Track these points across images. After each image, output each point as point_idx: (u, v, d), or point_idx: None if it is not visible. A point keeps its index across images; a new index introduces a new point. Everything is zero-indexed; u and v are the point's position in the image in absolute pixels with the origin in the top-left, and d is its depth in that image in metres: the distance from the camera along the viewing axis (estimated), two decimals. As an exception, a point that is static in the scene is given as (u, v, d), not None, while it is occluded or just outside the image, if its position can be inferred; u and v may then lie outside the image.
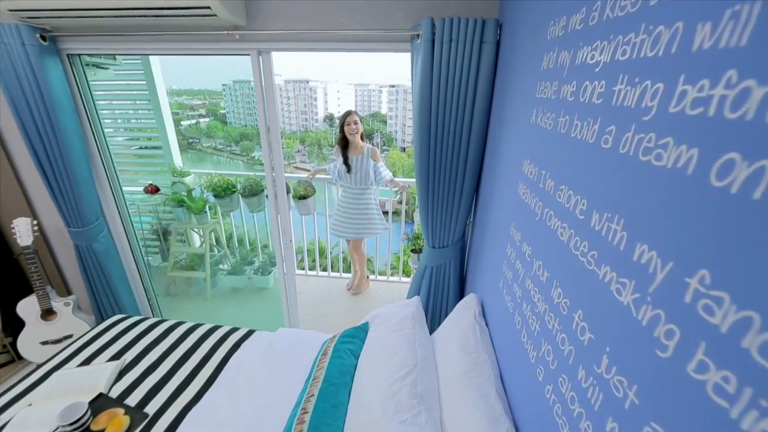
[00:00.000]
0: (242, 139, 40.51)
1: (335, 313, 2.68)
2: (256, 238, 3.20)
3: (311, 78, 30.28)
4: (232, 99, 45.40)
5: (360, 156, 2.42)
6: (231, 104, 45.36)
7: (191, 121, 44.55)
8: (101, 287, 2.07)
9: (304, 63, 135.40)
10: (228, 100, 45.91)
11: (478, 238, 1.58)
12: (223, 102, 46.75)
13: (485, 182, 1.50)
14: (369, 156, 2.43)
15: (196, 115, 46.01)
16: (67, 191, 1.79)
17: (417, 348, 1.13)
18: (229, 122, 44.97)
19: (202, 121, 45.24)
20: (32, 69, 1.56)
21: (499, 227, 1.21)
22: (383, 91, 47.01)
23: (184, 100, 48.48)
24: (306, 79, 44.37)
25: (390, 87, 47.95)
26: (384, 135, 42.15)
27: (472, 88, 1.38)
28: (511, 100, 1.16)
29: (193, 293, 2.98)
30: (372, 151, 2.44)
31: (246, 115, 44.13)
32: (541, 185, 0.83)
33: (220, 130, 43.29)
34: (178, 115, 43.74)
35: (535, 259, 0.85)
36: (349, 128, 2.36)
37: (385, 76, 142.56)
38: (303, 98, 43.96)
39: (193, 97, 50.35)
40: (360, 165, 2.43)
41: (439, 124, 1.44)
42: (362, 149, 2.43)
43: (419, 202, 1.59)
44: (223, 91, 47.05)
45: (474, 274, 1.61)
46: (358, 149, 2.43)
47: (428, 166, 1.51)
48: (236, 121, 44.71)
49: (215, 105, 47.66)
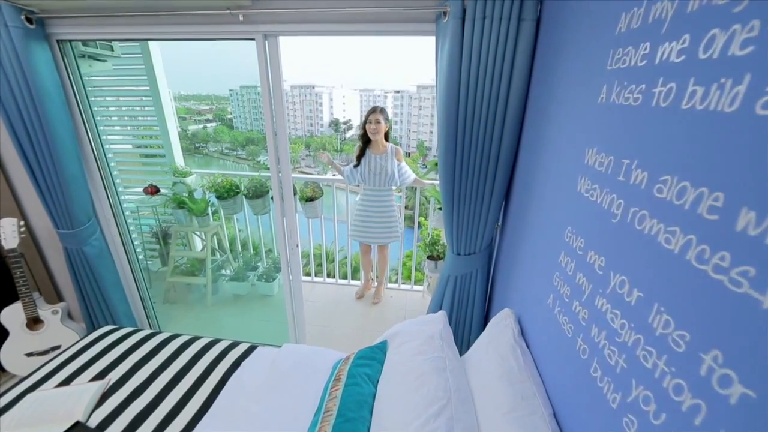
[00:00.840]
0: (248, 144, 40.75)
1: (344, 325, 2.50)
2: (260, 242, 3.03)
3: (317, 83, 30.53)
4: (239, 104, 45.79)
5: (383, 156, 2.26)
6: (238, 109, 45.73)
7: (198, 126, 44.99)
8: (93, 294, 1.91)
9: (310, 68, 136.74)
10: (235, 105, 46.31)
11: (509, 245, 1.40)
12: (230, 107, 47.16)
13: (520, 180, 1.31)
14: (392, 156, 2.27)
15: (203, 119, 46.43)
16: (55, 189, 1.64)
17: (449, 376, 0.95)
18: (236, 127, 45.31)
19: (209, 126, 45.65)
20: (16, 54, 1.41)
21: (544, 232, 1.03)
22: (388, 97, 47.09)
23: (192, 105, 49.03)
24: (312, 85, 44.62)
25: (395, 92, 48.10)
26: (390, 140, 42.28)
27: (507, 74, 1.21)
28: (560, 81, 0.98)
29: (193, 300, 2.81)
30: (395, 151, 2.28)
31: (252, 120, 44.43)
32: (622, 178, 0.65)
33: (226, 134, 43.63)
34: (186, 119, 44.25)
35: (613, 272, 0.66)
36: (370, 127, 2.20)
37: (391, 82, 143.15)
38: (308, 103, 44.16)
39: (201, 102, 50.88)
40: (383, 166, 2.26)
41: (468, 115, 1.26)
42: (385, 149, 2.27)
43: (443, 203, 1.41)
44: (230, 96, 47.50)
45: (505, 285, 1.42)
46: (381, 149, 2.27)
47: (454, 163, 1.33)
48: (242, 126, 45.04)
49: (222, 110, 48.11)
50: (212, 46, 44.84)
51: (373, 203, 2.37)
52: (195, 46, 61.03)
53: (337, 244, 3.22)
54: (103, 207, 1.90)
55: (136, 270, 2.11)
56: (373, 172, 2.27)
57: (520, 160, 1.31)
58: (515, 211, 1.35)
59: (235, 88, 45.96)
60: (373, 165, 2.27)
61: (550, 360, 0.92)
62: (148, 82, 2.51)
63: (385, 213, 2.38)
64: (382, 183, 2.29)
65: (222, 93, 52.88)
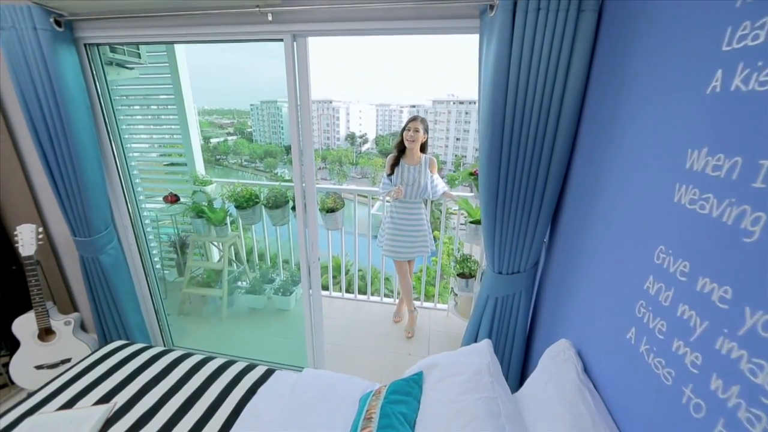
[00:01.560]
0: (266, 156, 41.77)
1: (365, 345, 2.34)
2: (278, 254, 2.94)
3: (334, 98, 31.20)
4: (258, 118, 47.28)
5: (417, 167, 2.15)
6: (257, 123, 47.20)
7: (220, 139, 46.57)
8: (106, 305, 1.83)
9: (327, 83, 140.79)
10: (255, 119, 47.85)
11: (560, 264, 1.23)
12: (250, 121, 48.74)
13: (574, 191, 1.16)
14: (426, 167, 2.15)
15: (224, 133, 48.08)
16: (74, 195, 1.59)
17: (504, 423, 0.79)
18: (255, 140, 46.67)
19: (230, 139, 47.19)
20: (43, 57, 1.38)
21: (619, 251, 0.87)
22: (404, 111, 47.71)
23: (215, 119, 50.97)
24: (329, 100, 45.66)
25: (411, 107, 48.70)
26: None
27: (562, 72, 1.07)
28: (638, 76, 0.84)
29: (208, 313, 2.72)
30: (430, 162, 2.17)
31: (271, 133, 45.71)
32: (760, 184, 0.50)
33: (246, 147, 44.92)
34: (208, 133, 45.92)
35: (750, 309, 0.50)
36: (408, 134, 2.09)
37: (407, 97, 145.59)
38: (326, 117, 45.11)
39: (223, 116, 52.83)
40: (417, 177, 2.15)
41: (517, 119, 1.13)
42: (419, 160, 2.16)
43: (485, 216, 1.27)
44: (250, 110, 49.16)
45: (555, 310, 1.24)
46: (415, 160, 2.16)
47: (498, 172, 1.19)
48: (261, 139, 46.36)
49: (243, 124, 49.75)
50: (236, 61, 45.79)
51: (403, 216, 2.25)
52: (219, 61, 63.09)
53: (356, 258, 3.09)
54: (121, 214, 1.85)
55: (152, 280, 2.04)
56: (405, 183, 2.16)
57: (575, 168, 1.16)
58: (568, 226, 1.19)
59: (255, 102, 47.57)
60: (406, 176, 2.15)
61: (636, 412, 0.74)
62: (173, 91, 2.50)
63: (415, 226, 2.25)
64: (414, 195, 2.17)
65: (243, 107, 54.88)
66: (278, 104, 44.88)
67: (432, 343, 2.39)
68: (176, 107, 2.52)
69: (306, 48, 1.40)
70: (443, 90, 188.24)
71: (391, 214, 2.32)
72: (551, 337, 1.26)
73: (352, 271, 2.93)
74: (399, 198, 2.18)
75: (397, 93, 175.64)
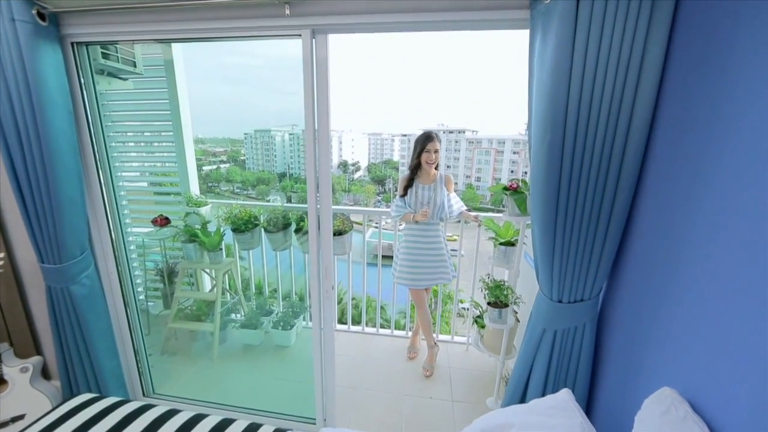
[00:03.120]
0: (259, 183, 41.73)
1: (379, 386, 2.04)
2: (278, 282, 2.66)
3: (328, 127, 31.68)
4: (252, 146, 47.67)
5: (432, 186, 1.99)
6: (251, 151, 47.52)
7: (212, 167, 46.56)
8: (75, 345, 1.53)
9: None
10: (248, 147, 48.21)
11: (637, 290, 1.02)
12: (244, 149, 49.06)
13: (650, 201, 0.98)
14: (442, 185, 1.99)
15: (217, 161, 48.15)
16: (45, 213, 1.34)
17: None
18: (248, 168, 46.75)
19: (222, 167, 47.21)
20: (20, 52, 1.19)
21: (744, 275, 0.67)
22: (395, 140, 48.75)
23: (208, 147, 51.25)
24: (323, 129, 46.44)
25: (402, 136, 49.86)
26: (396, 181, 43.28)
27: (635, 68, 0.92)
28: (752, 67, 0.69)
29: (196, 351, 2.39)
30: (446, 179, 2.01)
31: (264, 161, 45.94)
32: None
33: (238, 174, 44.89)
34: (201, 161, 46.02)
35: None
36: (428, 157, 1.95)
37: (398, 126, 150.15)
38: (319, 146, 45.61)
39: (217, 145, 53.15)
40: (432, 196, 1.98)
41: (582, 119, 0.96)
42: (434, 178, 2.00)
43: (540, 235, 1.07)
44: (244, 139, 49.63)
45: (636, 348, 1.01)
46: (430, 179, 2.01)
47: (559, 180, 1.01)
48: (254, 167, 46.48)
49: (236, 152, 50.03)
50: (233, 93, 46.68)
51: (419, 240, 2.05)
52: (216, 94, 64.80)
53: (365, 288, 2.83)
54: (101, 237, 1.59)
55: (133, 315, 1.75)
56: (420, 203, 1.98)
57: (650, 174, 0.99)
58: (646, 244, 0.99)
59: (249, 131, 48.21)
60: (420, 195, 1.98)
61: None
62: (169, 106, 2.33)
63: (434, 250, 2.04)
64: (431, 215, 1.99)
65: (237, 136, 55.38)
66: (272, 133, 45.56)
67: (454, 382, 2.10)
68: (172, 123, 2.34)
69: (326, 47, 1.24)
70: (433, 119, 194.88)
71: (406, 238, 2.11)
72: (627, 382, 1.02)
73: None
74: (423, 220, 1.99)
75: (389, 122, 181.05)
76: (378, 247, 2.55)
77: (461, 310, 3.50)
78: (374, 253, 2.63)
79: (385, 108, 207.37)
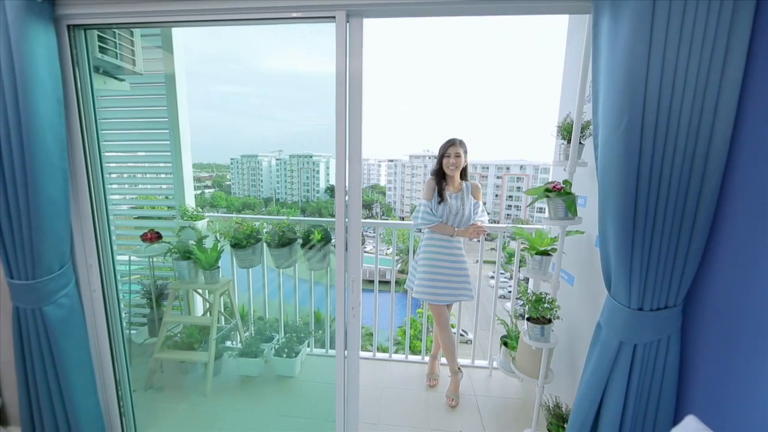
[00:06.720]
0: (244, 208, 41.14)
1: (401, 421, 1.79)
2: (280, 304, 2.42)
3: (314, 153, 31.98)
4: (238, 171, 47.35)
5: (458, 195, 1.87)
6: (237, 176, 47.13)
7: (197, 192, 45.79)
8: (44, 381, 1.25)
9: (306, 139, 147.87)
10: (234, 172, 47.86)
11: (733, 292, 0.88)
12: (230, 174, 48.68)
13: (745, 192, 0.86)
14: (469, 193, 1.88)
15: (202, 186, 47.49)
16: (19, 216, 1.12)
17: None
18: (234, 193, 46.17)
19: (207, 192, 46.51)
20: (7, 30, 1.03)
21: None
22: (382, 165, 49.43)
23: (195, 172, 50.62)
24: (309, 154, 46.88)
25: (389, 161, 50.66)
26: (383, 205, 43.42)
27: (718, 65, 0.84)
28: None
29: (187, 385, 2.08)
30: (473, 188, 1.90)
31: (250, 186, 45.56)
32: None
33: (223, 200, 44.23)
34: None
35: None
36: (448, 161, 1.83)
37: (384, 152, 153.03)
38: (306, 171, 45.83)
39: (202, 170, 52.65)
40: (459, 206, 1.85)
41: (662, 110, 0.87)
42: (460, 187, 1.88)
43: (612, 233, 0.93)
44: (230, 164, 49.36)
45: (737, 367, 0.86)
46: (456, 187, 1.89)
47: (638, 170, 0.89)
48: (240, 192, 45.96)
49: (222, 177, 49.56)
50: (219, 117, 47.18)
51: (442, 252, 1.89)
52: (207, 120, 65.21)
53: (377, 311, 2.60)
54: (86, 249, 1.36)
55: (117, 343, 1.48)
56: (450, 213, 1.85)
57: (740, 157, 0.88)
58: (741, 237, 0.87)
59: (236, 156, 48.10)
60: (450, 205, 1.85)
61: None
62: (167, 113, 2.17)
63: (457, 263, 1.89)
64: (457, 226, 1.86)
65: (223, 162, 55.09)
66: (258, 158, 45.58)
67: (483, 413, 1.87)
68: (169, 131, 2.17)
69: (361, 34, 1.13)
70: (419, 145, 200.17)
71: (426, 249, 1.95)
72: (716, 402, 0.86)
73: (375, 330, 2.42)
74: (465, 236, 1.87)
75: (375, 148, 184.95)
76: (374, 272, 2.37)
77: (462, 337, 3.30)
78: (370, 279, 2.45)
79: (371, 134, 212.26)
